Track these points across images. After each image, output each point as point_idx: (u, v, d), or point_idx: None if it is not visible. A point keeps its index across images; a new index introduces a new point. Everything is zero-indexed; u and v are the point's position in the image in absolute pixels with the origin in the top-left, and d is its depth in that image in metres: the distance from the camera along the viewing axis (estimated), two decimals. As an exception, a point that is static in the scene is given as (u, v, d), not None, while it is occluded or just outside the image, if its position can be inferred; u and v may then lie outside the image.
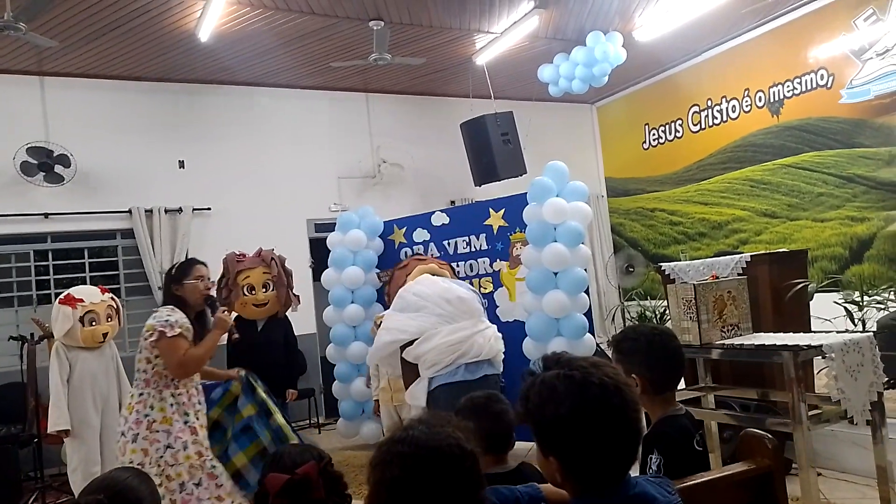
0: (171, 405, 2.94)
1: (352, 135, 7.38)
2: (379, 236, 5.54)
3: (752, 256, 3.82)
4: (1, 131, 5.76)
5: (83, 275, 6.13)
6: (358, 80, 7.14)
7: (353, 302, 5.33)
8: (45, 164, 5.73)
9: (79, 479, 3.78)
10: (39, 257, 6.04)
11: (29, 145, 5.71)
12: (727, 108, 7.18)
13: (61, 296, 3.98)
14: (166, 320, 2.94)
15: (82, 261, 6.19)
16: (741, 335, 3.09)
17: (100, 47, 5.59)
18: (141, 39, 5.51)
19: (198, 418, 3.02)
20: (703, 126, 7.49)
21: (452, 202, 7.57)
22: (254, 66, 6.41)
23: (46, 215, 5.91)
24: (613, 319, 7.91)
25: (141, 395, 2.95)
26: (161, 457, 2.86)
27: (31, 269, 5.98)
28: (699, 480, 1.49)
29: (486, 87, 6.85)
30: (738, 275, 3.67)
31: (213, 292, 3.39)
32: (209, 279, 3.19)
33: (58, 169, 5.79)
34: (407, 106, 7.70)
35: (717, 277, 3.28)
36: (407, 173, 7.47)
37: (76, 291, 4.03)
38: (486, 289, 5.02)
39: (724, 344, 2.97)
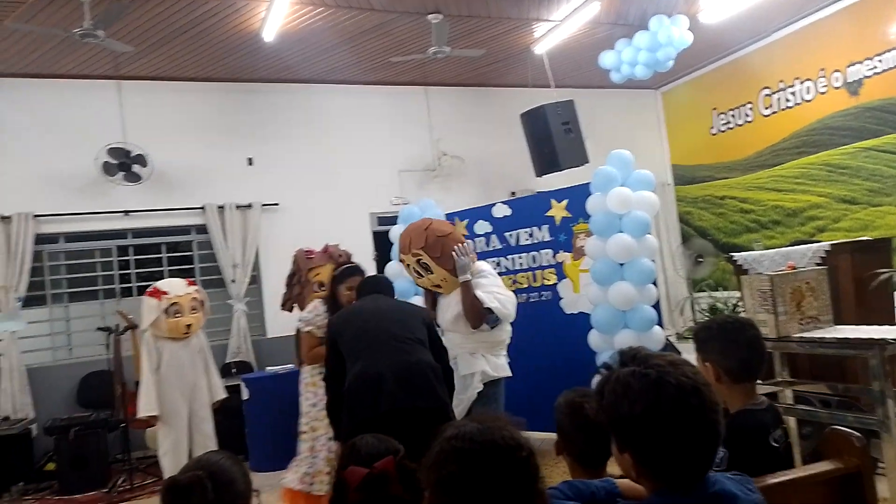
0: (319, 373, 3.63)
1: (411, 128, 7.44)
2: (441, 229, 5.56)
3: (832, 245, 3.66)
4: (84, 134, 6.09)
5: (161, 269, 6.43)
6: (417, 74, 7.18)
7: (416, 294, 5.38)
8: (124, 163, 6.02)
9: (169, 462, 3.98)
10: (121, 252, 6.37)
11: (109, 146, 6.01)
12: (801, 90, 6.86)
13: (149, 288, 4.17)
14: (304, 317, 3.79)
15: (160, 255, 6.49)
16: (821, 328, 2.97)
17: (171, 50, 5.83)
18: (209, 41, 5.71)
19: None
20: (775, 109, 7.18)
21: (513, 193, 7.53)
22: (316, 64, 6.54)
23: (126, 213, 6.22)
24: (682, 311, 7.71)
25: (302, 363, 3.87)
26: (308, 412, 3.72)
27: (113, 264, 6.32)
28: (782, 479, 1.45)
29: (546, 75, 6.77)
30: (817, 265, 3.52)
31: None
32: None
33: (136, 168, 6.07)
34: (466, 98, 7.70)
35: (795, 267, 3.15)
36: (467, 165, 7.47)
37: (162, 284, 4.19)
38: (549, 280, 4.98)
39: (802, 337, 2.87)
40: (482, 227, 5.35)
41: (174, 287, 4.14)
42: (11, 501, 4.98)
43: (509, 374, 3.57)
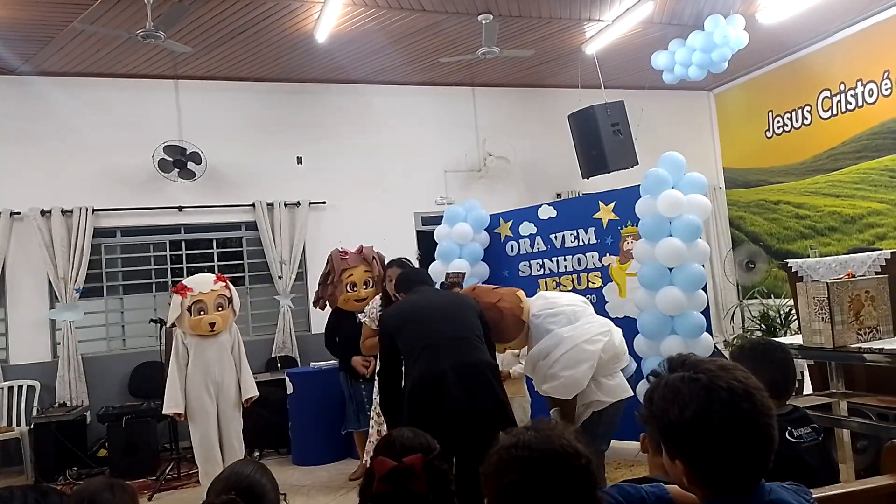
0: None
1: (458, 129, 7.45)
2: (485, 229, 5.56)
3: (892, 254, 3.50)
4: (142, 131, 6.30)
5: (211, 263, 6.59)
6: (465, 75, 7.19)
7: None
8: (179, 161, 6.20)
9: (198, 457, 4.01)
10: (173, 247, 6.57)
11: (165, 144, 6.20)
12: (863, 93, 6.60)
13: (177, 284, 4.11)
14: (365, 310, 4.22)
15: (211, 251, 6.66)
16: (881, 339, 2.86)
17: (227, 51, 5.98)
18: (264, 42, 5.84)
19: None
20: (834, 112, 6.93)
21: (558, 195, 7.47)
22: (365, 65, 6.61)
23: (180, 208, 6.41)
24: (732, 318, 7.51)
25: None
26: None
27: (166, 258, 6.51)
28: (839, 491, 1.40)
29: (596, 76, 6.69)
30: (877, 273, 3.38)
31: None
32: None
33: (190, 165, 6.25)
34: (513, 98, 7.67)
35: (854, 276, 3.04)
36: (513, 166, 7.44)
37: (189, 281, 4.08)
38: (594, 284, 4.93)
39: (860, 348, 2.76)
40: (527, 228, 5.32)
41: (199, 284, 3.99)
42: (66, 485, 5.15)
43: (629, 393, 3.20)
